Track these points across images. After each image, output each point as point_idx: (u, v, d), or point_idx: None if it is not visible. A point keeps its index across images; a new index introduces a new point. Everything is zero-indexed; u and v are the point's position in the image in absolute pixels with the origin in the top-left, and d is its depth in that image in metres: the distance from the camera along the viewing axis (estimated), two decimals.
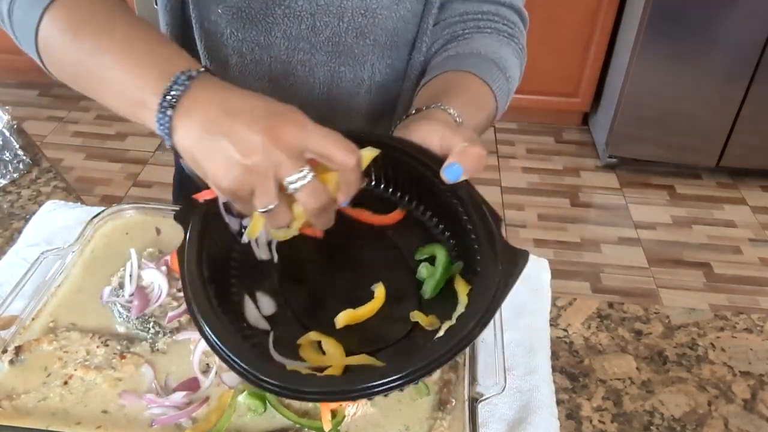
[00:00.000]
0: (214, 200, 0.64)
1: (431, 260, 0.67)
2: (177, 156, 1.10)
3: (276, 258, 0.69)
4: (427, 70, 0.90)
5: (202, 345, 0.73)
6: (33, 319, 0.76)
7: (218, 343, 0.55)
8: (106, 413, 0.67)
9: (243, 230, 0.67)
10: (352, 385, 0.53)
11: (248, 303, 0.66)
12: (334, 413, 0.67)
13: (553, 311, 0.89)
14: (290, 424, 0.66)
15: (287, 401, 0.68)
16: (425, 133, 0.65)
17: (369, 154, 0.61)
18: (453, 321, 0.58)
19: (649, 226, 2.78)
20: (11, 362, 0.71)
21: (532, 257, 0.92)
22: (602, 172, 3.09)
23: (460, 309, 0.60)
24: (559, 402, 0.76)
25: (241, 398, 0.68)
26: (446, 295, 0.63)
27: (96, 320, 0.76)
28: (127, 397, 0.68)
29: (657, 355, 0.85)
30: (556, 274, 0.90)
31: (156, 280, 0.79)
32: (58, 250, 0.83)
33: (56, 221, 0.95)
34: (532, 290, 0.88)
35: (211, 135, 0.55)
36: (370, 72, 0.90)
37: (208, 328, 0.56)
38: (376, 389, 0.52)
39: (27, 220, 0.97)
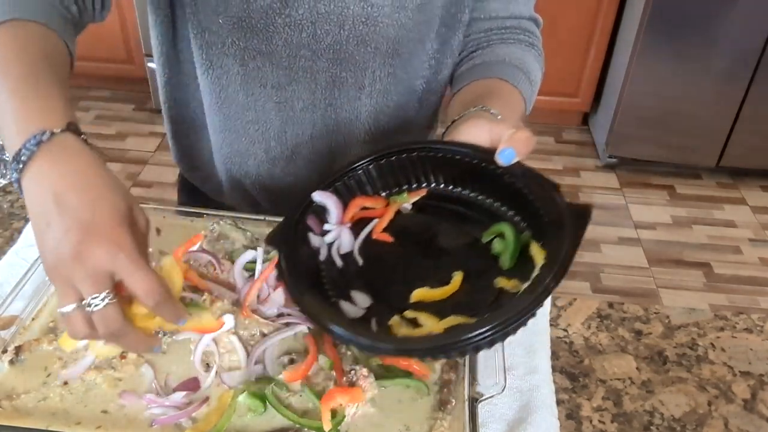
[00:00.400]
0: (299, 223, 0.73)
1: (500, 237, 0.73)
2: (179, 161, 1.10)
3: (360, 261, 0.74)
4: (454, 78, 0.95)
5: (203, 344, 0.73)
6: (33, 319, 0.76)
7: (338, 329, 0.62)
8: (106, 413, 0.67)
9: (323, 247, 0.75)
10: (451, 338, 0.59)
11: (344, 304, 0.70)
12: (334, 413, 0.67)
13: (553, 311, 0.89)
14: (290, 424, 0.66)
15: (287, 402, 0.68)
16: (474, 130, 0.71)
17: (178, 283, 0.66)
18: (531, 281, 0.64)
19: (649, 226, 2.79)
20: (11, 362, 0.71)
21: None
22: (602, 172, 3.09)
23: (538, 271, 0.65)
24: (559, 402, 0.76)
25: (241, 398, 0.68)
26: (523, 262, 0.68)
27: None
28: (127, 397, 0.68)
29: (657, 355, 0.85)
30: None
31: None
32: None
33: None
34: None
35: (39, 215, 0.56)
36: (372, 78, 0.91)
37: (326, 318, 0.64)
38: (474, 341, 0.57)
39: (27, 220, 0.97)
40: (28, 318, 0.76)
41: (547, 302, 0.87)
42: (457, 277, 0.70)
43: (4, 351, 0.72)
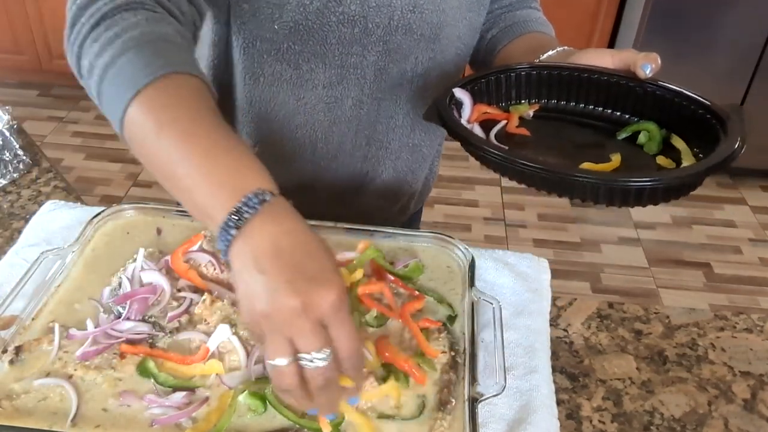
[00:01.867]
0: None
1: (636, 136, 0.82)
2: None
3: (505, 148, 0.77)
4: (491, 39, 1.03)
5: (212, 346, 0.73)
6: (33, 319, 0.76)
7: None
8: (106, 413, 0.67)
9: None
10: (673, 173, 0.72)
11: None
12: None
13: (553, 311, 0.89)
14: (290, 424, 0.66)
15: (286, 402, 0.68)
16: (596, 57, 0.84)
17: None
18: (689, 160, 0.76)
19: (649, 226, 2.78)
20: (11, 362, 0.71)
21: (532, 257, 0.93)
22: None
23: (686, 155, 0.77)
24: (559, 402, 0.76)
25: (241, 398, 0.68)
26: (667, 150, 0.79)
27: (95, 320, 0.76)
28: (127, 397, 0.68)
29: (657, 355, 0.85)
30: (556, 274, 0.90)
31: (156, 281, 0.79)
32: (58, 250, 0.83)
33: (56, 221, 0.95)
34: (532, 290, 0.88)
35: (254, 271, 0.55)
36: (413, 64, 0.93)
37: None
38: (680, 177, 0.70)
39: (27, 220, 0.97)
40: (28, 318, 0.76)
41: (548, 302, 0.87)
42: (616, 157, 0.76)
43: (4, 351, 0.72)
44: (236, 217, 0.56)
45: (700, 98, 0.81)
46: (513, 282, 0.88)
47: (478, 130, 0.81)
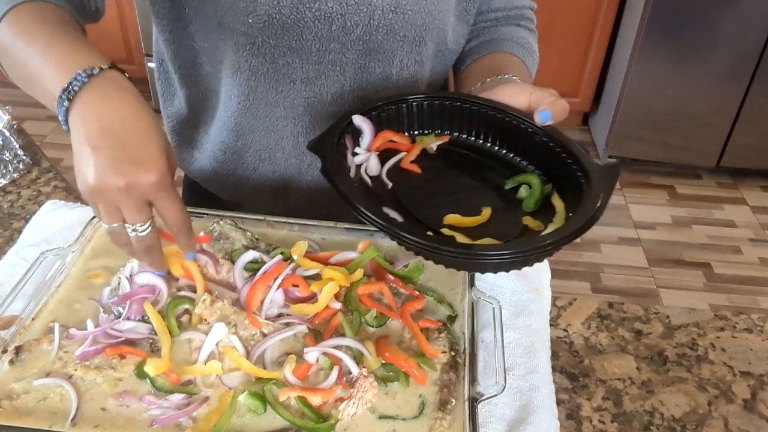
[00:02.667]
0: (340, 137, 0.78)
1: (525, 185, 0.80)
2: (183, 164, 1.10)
3: (389, 184, 0.79)
4: (463, 54, 1.02)
5: (209, 346, 0.73)
6: (33, 319, 0.76)
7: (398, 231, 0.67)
8: (106, 413, 0.67)
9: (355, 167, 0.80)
10: (505, 249, 0.67)
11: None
12: (326, 418, 0.67)
13: (553, 311, 0.89)
14: (290, 425, 0.66)
15: (286, 402, 0.68)
16: (515, 92, 0.81)
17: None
18: (559, 223, 0.73)
19: (649, 226, 2.78)
20: (11, 362, 0.71)
21: None
22: None
23: (559, 217, 0.74)
24: (559, 402, 0.76)
25: (242, 398, 0.68)
26: (544, 209, 0.76)
27: (95, 320, 0.76)
28: (127, 398, 0.68)
29: (657, 355, 0.85)
30: (556, 274, 0.90)
31: (151, 281, 0.79)
32: (58, 250, 0.83)
33: (56, 221, 0.95)
34: (532, 290, 0.88)
35: (84, 145, 0.63)
36: (399, 67, 0.92)
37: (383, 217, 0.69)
38: (508, 257, 0.66)
39: (27, 220, 0.97)
40: (28, 318, 0.76)
41: (548, 302, 0.87)
42: (487, 211, 0.76)
43: (4, 351, 0.72)
44: (67, 92, 0.64)
45: (576, 153, 0.76)
46: (513, 282, 0.88)
47: (374, 161, 0.80)
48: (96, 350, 0.72)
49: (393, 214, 0.73)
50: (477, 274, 0.83)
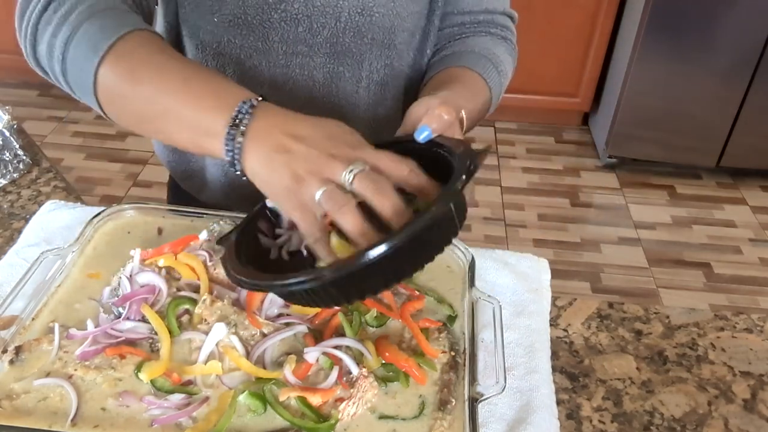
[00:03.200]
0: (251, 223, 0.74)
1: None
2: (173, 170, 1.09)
3: (305, 253, 0.74)
4: (427, 69, 0.95)
5: (208, 346, 0.73)
6: (33, 319, 0.76)
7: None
8: (106, 413, 0.67)
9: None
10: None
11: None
12: (326, 418, 0.67)
13: (553, 311, 0.89)
14: (290, 425, 0.66)
15: (286, 402, 0.68)
16: (415, 111, 0.72)
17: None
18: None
19: (649, 226, 2.78)
20: (11, 362, 0.71)
21: (532, 257, 0.93)
22: (602, 172, 3.09)
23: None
24: (559, 402, 0.76)
25: (242, 398, 0.68)
26: None
27: (95, 320, 0.76)
28: (127, 398, 0.68)
29: (657, 355, 0.85)
30: (556, 274, 0.90)
31: (151, 281, 0.79)
32: (58, 250, 0.83)
33: (56, 221, 0.95)
34: (532, 290, 0.88)
35: (278, 153, 0.60)
36: (368, 71, 0.91)
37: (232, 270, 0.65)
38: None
39: (27, 220, 0.97)
40: (28, 318, 0.76)
41: (548, 302, 0.87)
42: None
43: (4, 351, 0.72)
44: (238, 124, 0.61)
45: (447, 145, 0.67)
46: (513, 282, 0.88)
47: (295, 237, 0.75)
48: (96, 350, 0.72)
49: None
50: (477, 275, 0.83)
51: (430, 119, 0.67)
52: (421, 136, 0.67)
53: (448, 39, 0.97)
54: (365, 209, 0.60)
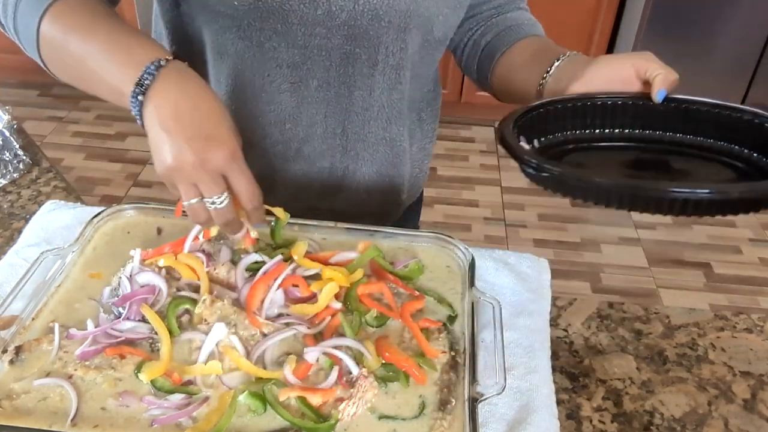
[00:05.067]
0: None
1: None
2: None
3: None
4: (486, 48, 1.03)
5: (208, 346, 0.73)
6: (33, 319, 0.76)
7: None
8: (107, 413, 0.67)
9: None
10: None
11: None
12: (326, 418, 0.67)
13: (553, 311, 0.89)
14: (289, 425, 0.66)
15: (286, 402, 0.68)
16: (615, 66, 0.85)
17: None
18: None
19: (649, 226, 2.78)
20: (11, 362, 0.71)
21: (532, 257, 0.93)
22: None
23: None
24: (559, 402, 0.76)
25: (242, 398, 0.68)
26: None
27: (95, 320, 0.76)
28: (127, 397, 0.68)
29: (657, 355, 0.85)
30: (556, 274, 0.90)
31: (151, 281, 0.79)
32: (58, 250, 0.83)
33: (56, 221, 0.95)
34: (532, 290, 0.88)
35: (162, 131, 0.68)
36: (384, 54, 0.92)
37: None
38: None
39: (27, 220, 0.97)
40: (28, 318, 0.76)
41: (548, 302, 0.87)
42: None
43: (4, 351, 0.72)
44: (140, 86, 0.68)
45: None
46: (513, 282, 0.88)
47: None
48: (96, 350, 0.72)
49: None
50: (477, 275, 0.83)
51: (666, 83, 0.83)
52: (661, 98, 0.82)
53: (486, 20, 1.04)
54: None
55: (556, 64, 0.89)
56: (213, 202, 0.70)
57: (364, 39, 0.90)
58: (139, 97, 0.68)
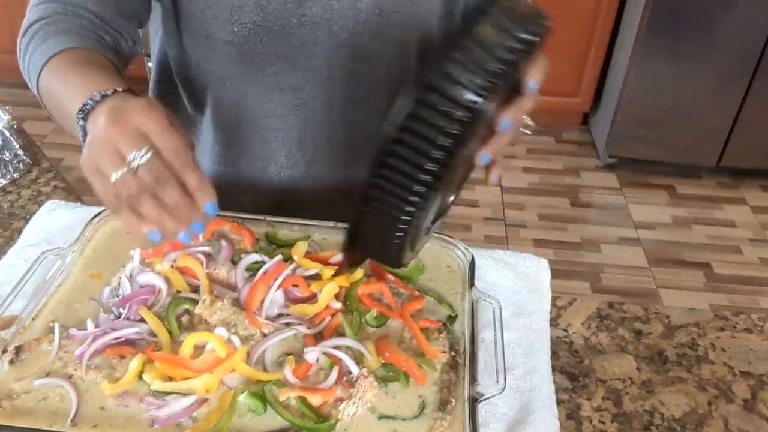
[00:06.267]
0: None
1: None
2: None
3: None
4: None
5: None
6: (33, 319, 0.76)
7: None
8: (106, 413, 0.67)
9: None
10: None
11: None
12: (326, 418, 0.67)
13: (553, 311, 0.89)
14: (289, 425, 0.66)
15: (286, 402, 0.68)
16: None
17: None
18: None
19: (649, 226, 2.78)
20: (11, 362, 0.71)
21: (532, 257, 0.93)
22: (602, 172, 3.08)
23: None
24: (559, 402, 0.76)
25: (242, 398, 0.68)
26: None
27: (95, 320, 0.76)
28: (127, 398, 0.68)
29: (657, 355, 0.85)
30: (556, 274, 0.90)
31: (152, 281, 0.79)
32: (58, 250, 0.83)
33: (56, 221, 0.95)
34: (532, 290, 0.88)
35: (92, 137, 0.63)
36: (386, 71, 0.92)
37: None
38: None
39: (27, 220, 0.97)
40: (28, 318, 0.76)
41: (548, 302, 0.87)
42: None
43: (4, 351, 0.72)
44: (82, 111, 0.66)
45: None
46: (513, 282, 0.88)
47: None
48: (96, 350, 0.72)
49: None
50: (477, 275, 0.83)
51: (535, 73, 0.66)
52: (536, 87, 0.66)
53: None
54: None
55: None
56: (135, 158, 0.59)
57: (366, 57, 0.90)
58: (80, 122, 0.66)
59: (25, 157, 1.14)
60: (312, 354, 0.72)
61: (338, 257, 0.85)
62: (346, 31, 0.86)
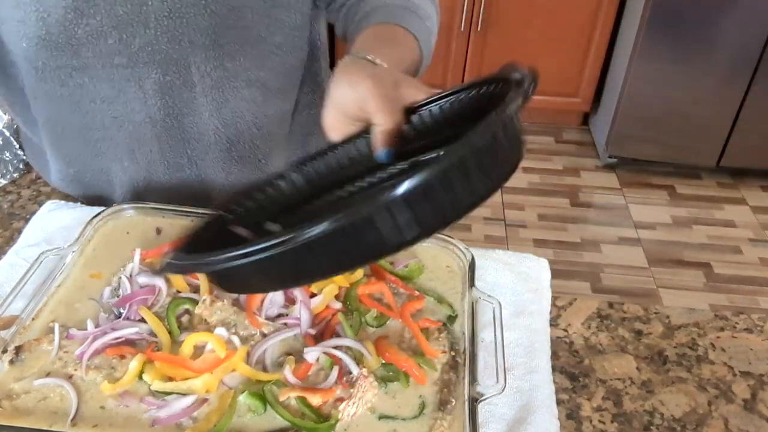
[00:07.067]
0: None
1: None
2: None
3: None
4: (350, 32, 0.89)
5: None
6: (33, 319, 0.76)
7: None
8: (106, 413, 0.67)
9: None
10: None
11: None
12: (326, 418, 0.67)
13: (553, 311, 0.89)
14: (289, 425, 0.66)
15: (286, 402, 0.68)
16: (339, 92, 0.67)
17: None
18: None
19: (649, 226, 2.78)
20: (11, 362, 0.71)
21: (532, 257, 0.93)
22: (602, 172, 3.09)
23: None
24: (559, 402, 0.76)
25: (242, 398, 0.68)
26: None
27: (95, 320, 0.76)
28: (127, 398, 0.68)
29: (657, 355, 0.85)
30: (556, 274, 0.90)
31: (151, 281, 0.79)
32: (58, 250, 0.83)
33: (56, 221, 0.95)
34: (532, 290, 0.88)
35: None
36: (200, 75, 0.86)
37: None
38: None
39: (27, 220, 0.97)
40: (28, 318, 0.76)
41: (548, 302, 0.87)
42: None
43: (4, 351, 0.72)
44: None
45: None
46: (513, 282, 0.88)
47: None
48: (96, 350, 0.72)
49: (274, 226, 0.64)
50: (477, 275, 0.83)
51: (378, 138, 0.62)
52: (388, 158, 0.62)
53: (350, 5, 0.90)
54: None
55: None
56: None
57: (171, 64, 0.84)
58: None
59: (25, 157, 1.14)
60: (312, 354, 0.72)
61: None
62: (138, 37, 0.81)
